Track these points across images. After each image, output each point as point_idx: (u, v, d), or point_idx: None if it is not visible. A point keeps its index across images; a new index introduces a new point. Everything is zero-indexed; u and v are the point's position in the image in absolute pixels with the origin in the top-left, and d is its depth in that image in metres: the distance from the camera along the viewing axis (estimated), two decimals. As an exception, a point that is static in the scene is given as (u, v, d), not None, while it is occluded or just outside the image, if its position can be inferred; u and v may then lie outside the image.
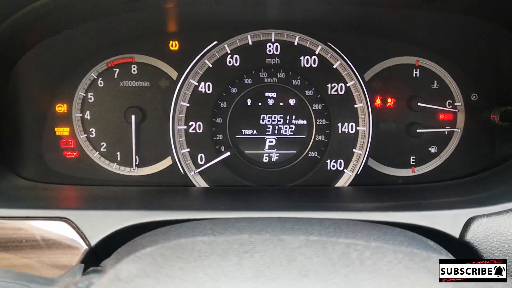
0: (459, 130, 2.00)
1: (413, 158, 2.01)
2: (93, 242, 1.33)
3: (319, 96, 1.93)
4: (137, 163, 1.97)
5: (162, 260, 0.73)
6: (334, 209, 1.44)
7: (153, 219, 1.35)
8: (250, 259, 0.72)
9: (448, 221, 1.37)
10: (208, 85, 1.89)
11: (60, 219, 1.37)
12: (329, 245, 0.77)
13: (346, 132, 1.92)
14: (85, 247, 1.33)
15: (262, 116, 1.95)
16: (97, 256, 1.32)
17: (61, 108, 1.94)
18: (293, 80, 1.93)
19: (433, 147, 2.01)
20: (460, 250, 1.33)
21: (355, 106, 1.91)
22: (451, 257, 1.14)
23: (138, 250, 0.78)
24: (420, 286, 0.69)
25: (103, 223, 1.35)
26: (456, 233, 1.36)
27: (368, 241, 0.80)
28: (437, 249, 1.13)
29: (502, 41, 1.78)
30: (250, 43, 1.89)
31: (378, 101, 1.99)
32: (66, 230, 1.36)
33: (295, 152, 1.97)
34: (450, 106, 1.99)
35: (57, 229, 1.36)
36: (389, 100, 1.99)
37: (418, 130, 1.96)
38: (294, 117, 1.96)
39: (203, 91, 1.89)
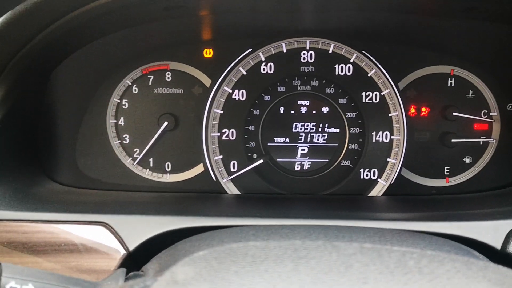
0: (494, 141, 1.97)
1: (447, 169, 1.98)
2: (131, 247, 1.33)
3: (352, 104, 1.92)
4: (169, 169, 1.98)
5: (217, 263, 0.73)
6: (368, 218, 1.43)
7: (189, 225, 1.36)
8: (306, 265, 0.71)
9: (490, 232, 1.35)
10: (242, 92, 1.89)
11: (98, 224, 1.38)
12: (385, 253, 0.76)
13: (380, 141, 1.90)
14: (124, 251, 1.33)
15: (294, 124, 1.94)
16: (135, 261, 1.33)
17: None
18: (326, 88, 1.92)
19: (467, 158, 1.98)
20: (502, 261, 1.29)
21: (390, 115, 1.89)
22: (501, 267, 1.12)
23: (192, 253, 0.78)
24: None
25: (141, 228, 1.36)
26: (497, 245, 1.34)
27: (423, 249, 0.79)
28: (483, 260, 1.11)
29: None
30: (285, 51, 1.89)
31: (412, 110, 1.97)
32: (104, 235, 1.36)
33: (327, 160, 1.96)
34: (486, 116, 1.97)
35: (95, 233, 1.37)
36: (423, 109, 1.97)
37: (453, 140, 1.93)
38: (327, 125, 1.95)
39: (237, 99, 1.89)
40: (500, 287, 0.71)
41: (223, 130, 1.90)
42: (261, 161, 1.89)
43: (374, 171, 1.91)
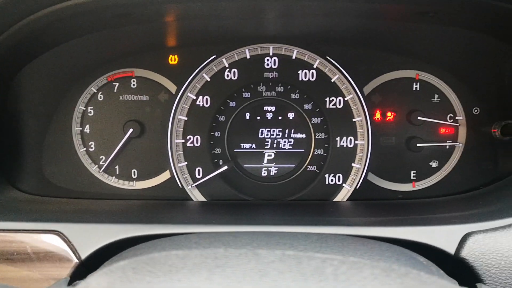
0: (460, 145, 1.97)
1: (413, 173, 1.98)
2: (83, 255, 1.32)
3: (317, 110, 1.92)
4: (135, 176, 1.98)
5: (132, 274, 0.72)
6: (332, 223, 1.42)
7: (143, 233, 1.34)
8: (221, 274, 0.71)
9: (443, 236, 1.34)
10: (206, 99, 1.89)
11: (51, 232, 1.36)
12: (305, 260, 0.76)
13: (345, 146, 1.90)
14: (75, 260, 1.32)
15: (261, 130, 1.94)
16: (87, 270, 1.31)
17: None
18: (291, 94, 1.92)
19: (434, 162, 1.98)
20: (456, 266, 1.30)
21: (354, 120, 1.89)
22: (441, 273, 1.12)
23: (111, 264, 0.77)
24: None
25: (94, 236, 1.35)
26: (451, 249, 1.33)
27: (345, 256, 0.78)
28: (427, 265, 1.11)
29: (502, 55, 1.75)
30: (248, 57, 1.89)
31: (378, 115, 1.97)
32: (58, 243, 1.35)
33: (294, 166, 1.96)
34: (452, 120, 1.97)
35: (48, 242, 1.36)
36: (389, 114, 1.97)
37: (418, 144, 1.94)
38: (293, 131, 1.95)
39: (201, 105, 1.89)
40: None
41: (188, 137, 1.90)
42: (226, 167, 1.89)
43: (339, 176, 1.91)
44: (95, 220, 1.42)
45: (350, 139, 1.90)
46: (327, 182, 1.92)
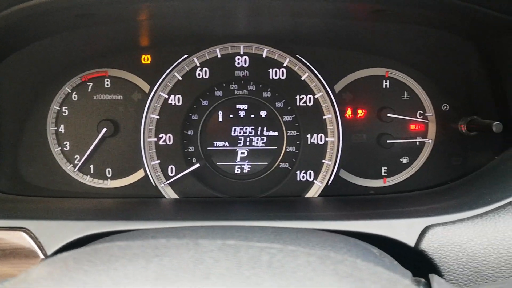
0: (430, 141, 2.00)
1: (384, 169, 2.01)
2: (49, 252, 1.34)
3: (289, 107, 1.95)
4: (110, 175, 2.00)
5: (73, 263, 0.74)
6: (296, 218, 1.44)
7: (109, 229, 1.36)
8: (157, 263, 0.73)
9: (404, 230, 1.37)
10: (178, 97, 1.91)
11: (19, 229, 1.38)
12: (243, 249, 0.78)
13: (315, 143, 1.93)
14: (42, 256, 1.34)
15: (233, 128, 1.97)
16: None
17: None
18: (263, 92, 1.95)
19: (404, 158, 2.02)
20: (417, 259, 1.32)
21: (324, 117, 1.92)
22: (394, 264, 1.15)
23: (56, 255, 0.80)
24: (322, 286, 0.70)
25: (60, 233, 1.37)
26: (411, 242, 1.36)
27: (284, 245, 0.81)
28: (379, 256, 1.14)
29: (467, 52, 1.79)
30: (219, 56, 1.92)
31: (349, 113, 2.00)
32: (25, 240, 1.37)
33: (266, 163, 1.98)
34: (421, 117, 2.00)
35: (16, 239, 1.37)
36: (359, 111, 2.00)
37: (388, 141, 1.97)
38: (265, 128, 1.97)
39: (173, 104, 1.92)
40: (346, 278, 0.74)
41: (160, 135, 1.92)
42: (198, 165, 1.91)
43: (310, 173, 1.94)
44: (63, 217, 1.44)
45: (321, 136, 1.93)
46: (298, 179, 1.94)
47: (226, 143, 1.97)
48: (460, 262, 1.30)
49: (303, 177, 1.94)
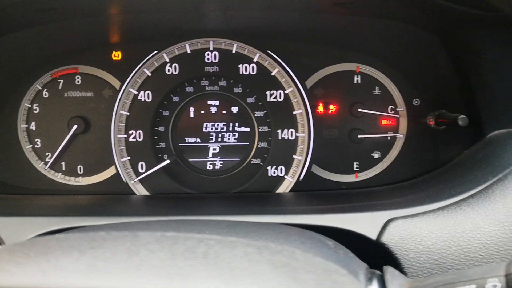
0: (401, 135, 2.01)
1: (356, 164, 2.02)
2: (10, 248, 1.33)
3: (260, 103, 1.95)
4: (81, 172, 1.99)
5: (7, 256, 0.74)
6: (268, 213, 1.44)
7: (70, 225, 1.36)
8: (91, 255, 0.73)
9: (367, 223, 1.38)
10: (148, 93, 1.91)
11: (-21, 225, 1.37)
12: (180, 241, 0.78)
13: (286, 138, 1.93)
14: (2, 253, 1.33)
15: (205, 124, 1.97)
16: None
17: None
18: (234, 88, 1.95)
19: (376, 153, 2.02)
20: (379, 252, 1.33)
21: (294, 112, 1.92)
22: (350, 255, 1.15)
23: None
24: (255, 276, 0.70)
25: (22, 229, 1.36)
26: (373, 235, 1.36)
27: (224, 236, 0.81)
28: (334, 248, 1.14)
29: (435, 47, 1.79)
30: (189, 52, 1.91)
31: (320, 108, 2.00)
32: (-15, 236, 1.36)
33: (239, 159, 1.98)
34: (393, 112, 2.00)
35: (-23, 235, 1.37)
36: (331, 106, 2.00)
37: (359, 136, 1.97)
38: (237, 124, 1.97)
39: (143, 100, 1.91)
40: (280, 268, 0.74)
41: (130, 132, 1.92)
42: (168, 161, 1.91)
43: (281, 168, 1.94)
44: (28, 213, 1.43)
45: (291, 132, 1.93)
46: (269, 174, 1.95)
47: (198, 139, 1.97)
48: (420, 254, 1.30)
49: (274, 172, 1.94)
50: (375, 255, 1.27)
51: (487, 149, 1.67)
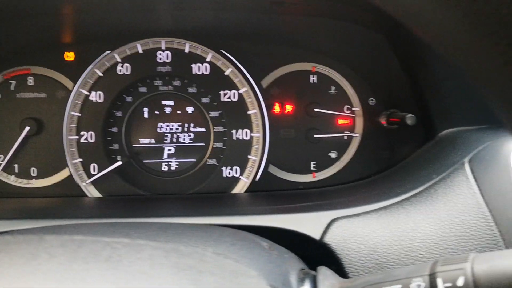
0: (358, 135, 2.01)
1: (313, 164, 2.01)
2: None
3: (215, 103, 1.93)
4: (34, 175, 1.95)
5: None
6: (221, 214, 1.42)
7: (19, 228, 1.33)
8: (19, 259, 0.71)
9: (311, 223, 1.37)
10: (99, 94, 1.88)
11: None
12: (86, 244, 0.76)
13: (241, 138, 1.92)
14: None
15: (159, 124, 1.95)
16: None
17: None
18: (188, 88, 1.93)
19: (333, 152, 2.02)
20: (323, 252, 1.33)
21: (248, 112, 1.91)
22: (285, 256, 1.14)
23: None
24: (153, 279, 0.69)
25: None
26: (317, 235, 1.36)
27: (132, 239, 0.79)
28: (268, 249, 1.13)
29: (380, 45, 1.80)
30: (140, 51, 1.89)
31: (276, 108, 1.99)
32: None
33: (194, 160, 1.96)
34: (349, 111, 2.00)
35: None
36: (288, 106, 2.00)
37: (316, 136, 1.97)
38: (192, 125, 1.95)
39: (94, 100, 1.88)
40: (184, 271, 0.72)
41: (82, 133, 1.89)
42: (120, 163, 1.88)
43: (236, 169, 1.93)
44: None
45: (246, 132, 1.92)
46: (224, 175, 1.93)
47: (153, 140, 1.95)
48: (362, 254, 1.30)
49: (229, 173, 1.93)
50: (320, 255, 1.26)
51: (437, 148, 1.68)
